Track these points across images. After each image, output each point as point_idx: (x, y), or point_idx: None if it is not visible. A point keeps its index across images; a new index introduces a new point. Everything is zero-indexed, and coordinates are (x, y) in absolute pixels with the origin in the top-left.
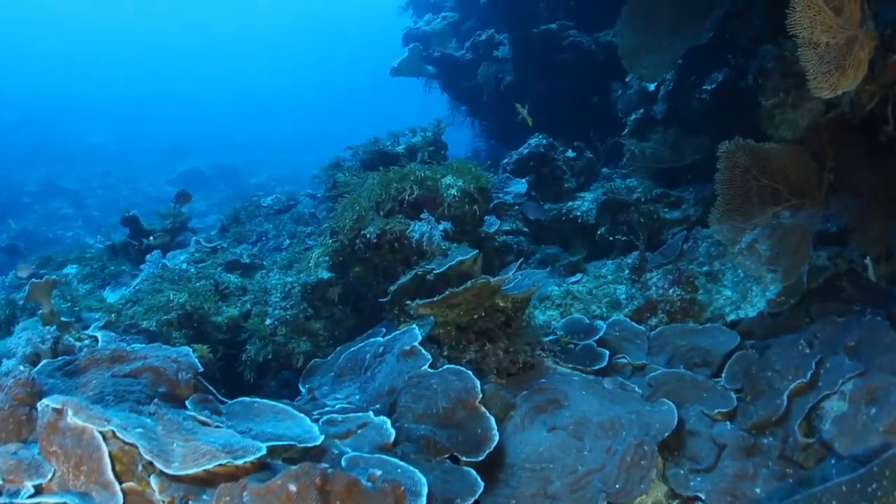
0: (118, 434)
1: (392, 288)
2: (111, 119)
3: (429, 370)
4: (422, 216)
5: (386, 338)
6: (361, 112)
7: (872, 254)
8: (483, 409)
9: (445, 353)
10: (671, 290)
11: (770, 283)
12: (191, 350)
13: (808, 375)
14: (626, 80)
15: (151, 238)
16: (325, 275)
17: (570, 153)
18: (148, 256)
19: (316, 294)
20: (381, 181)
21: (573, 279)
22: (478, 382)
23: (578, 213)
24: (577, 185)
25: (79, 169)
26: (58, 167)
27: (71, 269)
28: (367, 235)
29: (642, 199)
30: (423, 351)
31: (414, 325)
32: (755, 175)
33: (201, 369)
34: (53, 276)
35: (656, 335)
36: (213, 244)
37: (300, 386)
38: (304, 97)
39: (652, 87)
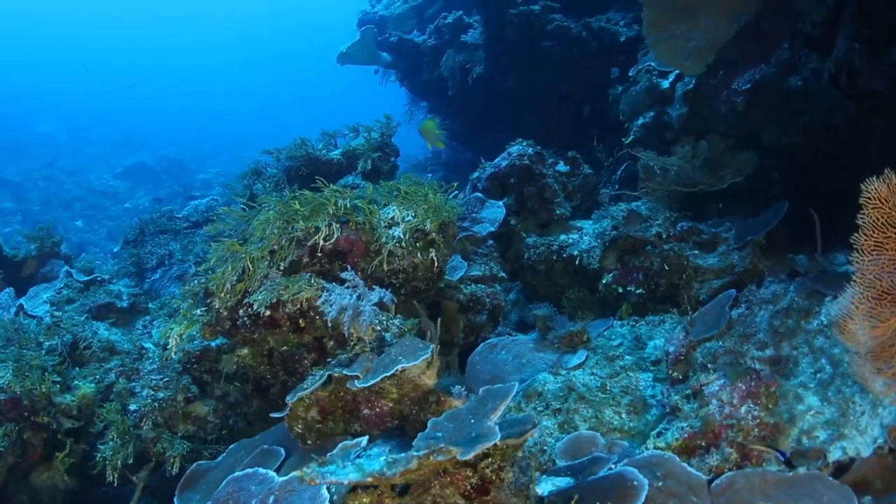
0: None
1: (291, 398)
2: (62, 108)
3: None
4: (344, 275)
5: (281, 479)
6: (324, 107)
7: None
8: None
9: None
10: (743, 408)
11: (881, 391)
12: None
13: None
14: (630, 73)
15: None
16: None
17: (561, 166)
18: None
19: (203, 364)
20: (280, 215)
21: (574, 359)
22: None
23: (576, 252)
24: (572, 210)
25: (23, 160)
26: (1, 157)
27: None
28: (255, 306)
29: (663, 236)
30: None
31: (323, 480)
32: None
33: None
34: None
35: (722, 487)
36: (89, 277)
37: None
38: (262, 90)
39: (666, 83)
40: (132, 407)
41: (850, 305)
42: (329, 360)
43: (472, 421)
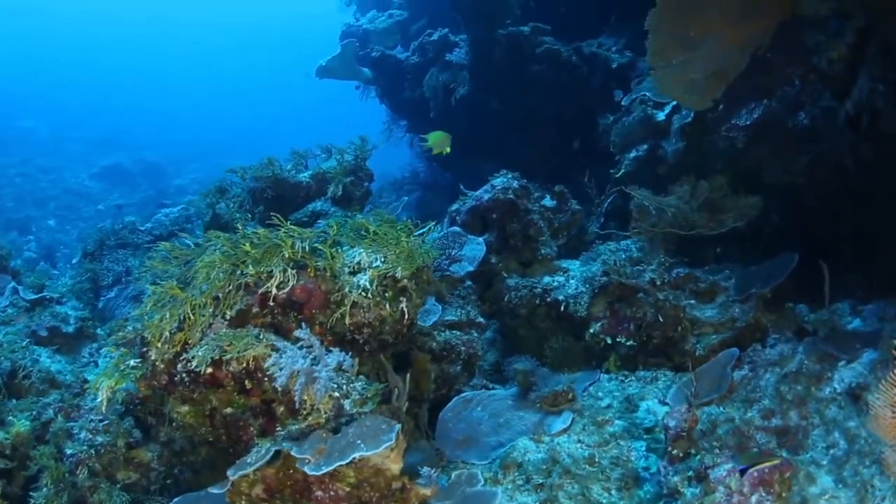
0: None
1: (233, 474)
2: (47, 104)
3: None
4: (298, 333)
5: None
6: (318, 114)
7: None
8: None
9: None
10: (754, 498)
11: None
12: None
13: None
14: (623, 101)
15: None
16: None
17: (547, 201)
18: None
19: (147, 406)
20: (227, 257)
21: (558, 423)
22: None
23: (562, 297)
24: (558, 249)
25: (0, 155)
26: None
27: None
28: (194, 363)
29: (657, 283)
30: None
31: None
32: None
33: None
34: None
35: None
36: (37, 295)
37: None
38: (253, 95)
39: (662, 115)
40: (69, 451)
41: (887, 393)
42: (278, 428)
43: None
